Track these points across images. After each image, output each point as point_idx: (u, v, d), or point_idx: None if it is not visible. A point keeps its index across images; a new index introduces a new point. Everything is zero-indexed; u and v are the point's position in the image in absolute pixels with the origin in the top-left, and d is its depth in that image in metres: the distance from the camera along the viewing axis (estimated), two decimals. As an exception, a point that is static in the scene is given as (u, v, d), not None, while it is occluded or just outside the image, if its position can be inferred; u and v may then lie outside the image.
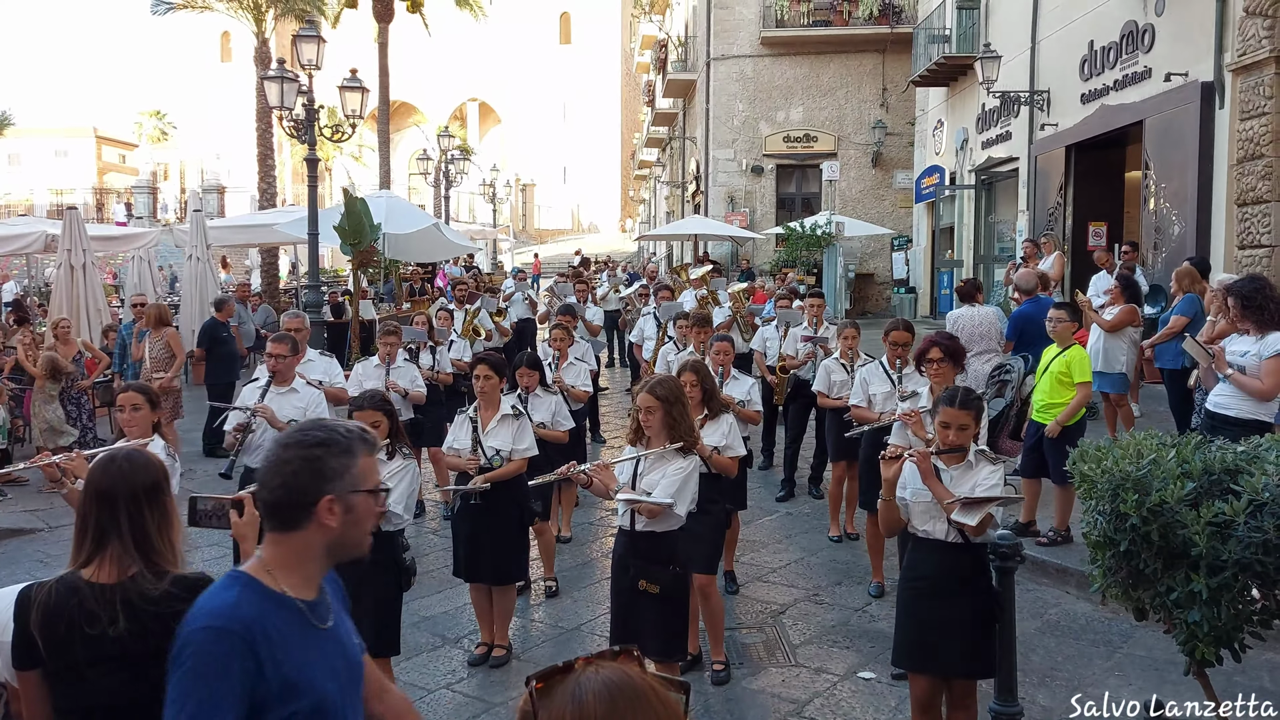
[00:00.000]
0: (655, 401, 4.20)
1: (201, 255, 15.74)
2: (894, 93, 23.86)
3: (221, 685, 1.87)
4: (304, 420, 5.42)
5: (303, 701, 1.96)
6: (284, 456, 2.02)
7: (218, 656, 1.89)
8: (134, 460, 2.52)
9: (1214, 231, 11.06)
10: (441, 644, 5.68)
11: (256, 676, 1.89)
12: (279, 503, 2.02)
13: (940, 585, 3.79)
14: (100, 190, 49.18)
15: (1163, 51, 11.90)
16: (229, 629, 1.91)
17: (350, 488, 2.02)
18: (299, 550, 2.03)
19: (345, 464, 2.03)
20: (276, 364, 5.57)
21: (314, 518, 2.00)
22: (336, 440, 2.04)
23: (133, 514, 2.44)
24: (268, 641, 1.93)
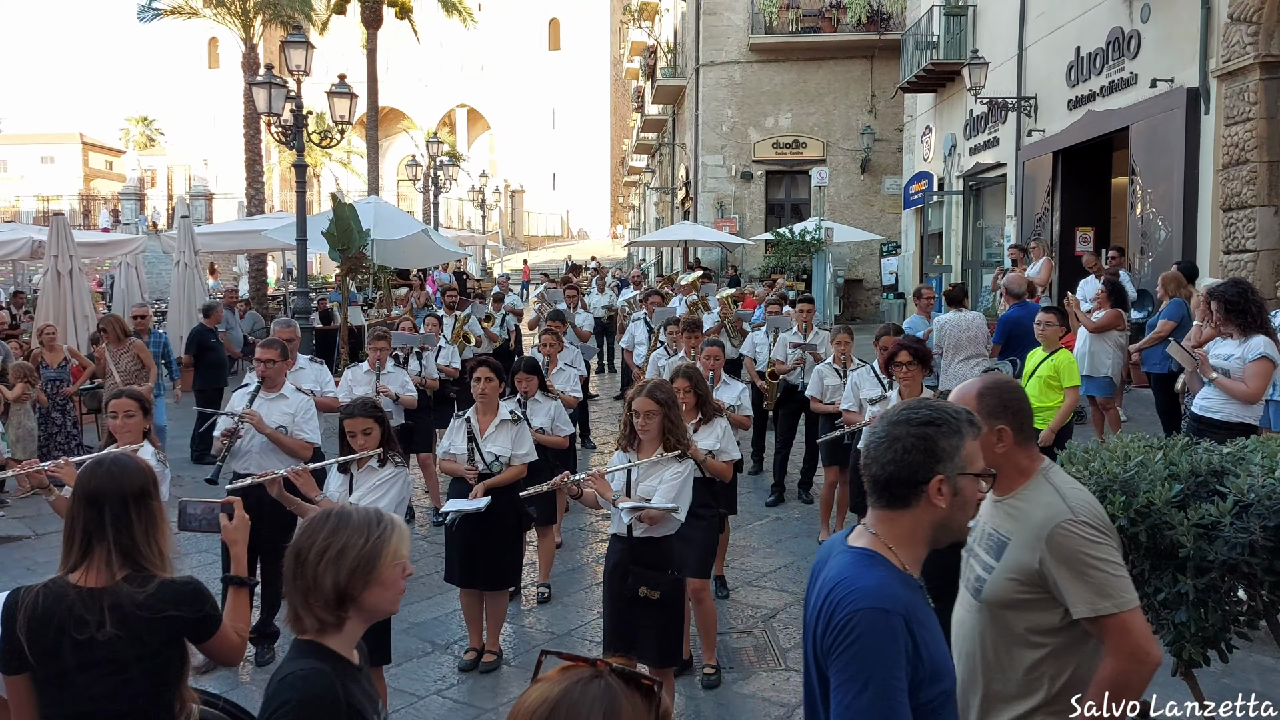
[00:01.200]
0: (655, 405, 4.19)
1: (189, 261, 15.69)
2: (882, 99, 23.97)
3: (896, 665, 1.87)
4: None
5: (945, 683, 1.96)
6: (895, 434, 2.03)
7: (886, 637, 1.88)
8: (121, 465, 2.52)
9: (1200, 236, 11.14)
10: (431, 650, 5.67)
11: (915, 658, 1.89)
12: (891, 479, 2.02)
13: (931, 585, 3.80)
14: (87, 196, 49.01)
15: (1149, 58, 11.99)
16: (892, 610, 1.91)
17: (959, 469, 2.02)
18: (911, 529, 2.04)
19: (955, 445, 2.03)
20: (266, 369, 5.55)
21: (924, 497, 2.01)
22: (947, 420, 2.04)
23: (119, 518, 2.44)
24: (917, 622, 1.93)
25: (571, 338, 9.86)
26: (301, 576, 1.97)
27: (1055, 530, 2.35)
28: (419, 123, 57.08)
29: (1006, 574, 2.42)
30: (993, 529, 2.54)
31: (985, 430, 2.38)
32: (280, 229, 15.69)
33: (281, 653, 5.64)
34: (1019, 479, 2.49)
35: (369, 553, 1.97)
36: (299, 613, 1.98)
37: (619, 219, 60.30)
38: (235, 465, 5.55)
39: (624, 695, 1.34)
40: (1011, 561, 2.41)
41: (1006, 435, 2.47)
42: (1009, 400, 2.51)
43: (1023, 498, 2.48)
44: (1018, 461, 2.50)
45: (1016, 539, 2.42)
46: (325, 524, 2.00)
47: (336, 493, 4.34)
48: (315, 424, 5.73)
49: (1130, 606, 2.31)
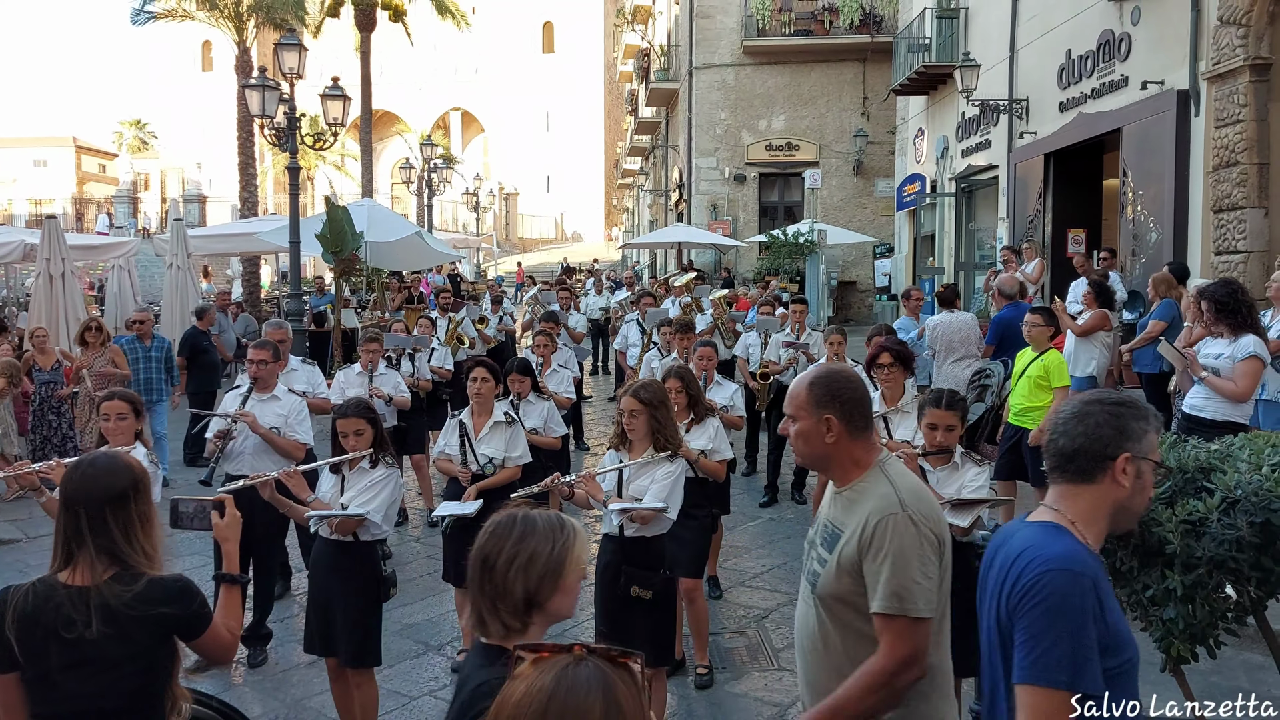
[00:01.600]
0: (639, 405, 4.21)
1: (182, 264, 15.65)
2: (875, 101, 24.04)
3: (1086, 622, 1.88)
4: None
5: (1127, 654, 1.97)
6: (1087, 409, 2.06)
7: (1076, 594, 1.89)
8: (99, 467, 2.52)
9: (1191, 238, 11.18)
10: (424, 651, 5.67)
11: (1101, 622, 1.91)
12: (1079, 450, 2.03)
13: None
14: (80, 200, 48.87)
15: (1139, 60, 12.05)
16: (1082, 572, 1.92)
17: (1145, 453, 2.04)
18: (1094, 505, 2.05)
19: (1143, 429, 2.05)
20: (258, 370, 5.55)
21: (1109, 473, 2.02)
22: (1138, 405, 2.08)
23: (95, 521, 2.44)
24: (1104, 590, 1.95)
25: (565, 339, 9.86)
26: (490, 583, 1.98)
27: (881, 522, 2.32)
28: (413, 125, 57.07)
29: (839, 567, 2.39)
30: (828, 520, 2.51)
31: (814, 420, 2.42)
32: (273, 231, 15.68)
33: (274, 654, 5.64)
34: (855, 471, 2.46)
35: (556, 559, 1.99)
36: (485, 618, 2.00)
37: (613, 221, 60.33)
38: (228, 467, 5.55)
39: (615, 675, 1.36)
40: (844, 554, 2.38)
41: (834, 425, 2.42)
42: (838, 390, 2.46)
43: (858, 489, 2.44)
44: (852, 453, 2.46)
45: (849, 531, 2.39)
46: (511, 530, 2.01)
47: (328, 494, 4.34)
48: (308, 425, 5.74)
49: (922, 616, 2.29)
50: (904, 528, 2.30)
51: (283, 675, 5.40)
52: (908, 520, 2.31)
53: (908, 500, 2.35)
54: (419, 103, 60.21)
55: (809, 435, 2.47)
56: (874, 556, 2.30)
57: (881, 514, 2.33)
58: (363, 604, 4.27)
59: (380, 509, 4.25)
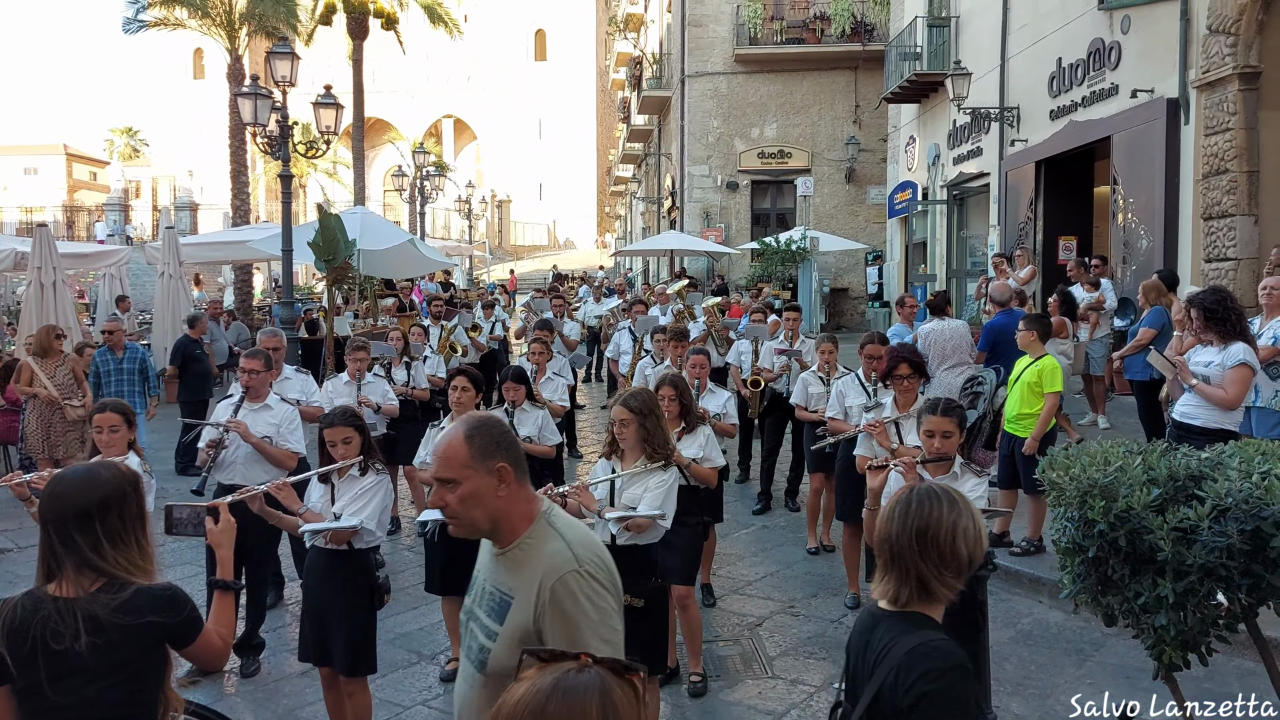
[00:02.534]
0: (629, 414, 4.21)
1: (174, 272, 15.62)
2: (866, 109, 24.13)
3: None
4: None
5: None
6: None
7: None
8: (68, 483, 2.51)
9: (1181, 245, 11.24)
10: (417, 660, 5.65)
11: None
12: None
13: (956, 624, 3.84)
14: (70, 208, 48.72)
15: (1129, 68, 12.12)
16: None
17: None
18: None
19: None
20: (250, 379, 5.54)
21: None
22: None
23: (77, 534, 2.43)
24: None
25: (559, 347, 9.86)
26: (935, 550, 2.12)
27: (559, 582, 2.09)
28: (405, 133, 57.09)
29: (511, 639, 2.11)
30: (494, 587, 2.24)
31: (483, 475, 2.19)
32: (265, 240, 15.66)
33: (266, 664, 5.62)
34: (522, 525, 2.22)
35: (979, 525, 2.17)
36: (929, 585, 2.13)
37: (606, 228, 60.38)
38: (220, 476, 5.53)
39: (614, 683, 1.37)
40: (516, 624, 2.13)
41: (508, 473, 2.21)
42: (499, 435, 2.26)
43: (524, 547, 2.21)
44: (520, 505, 2.23)
45: (520, 596, 2.14)
46: (938, 503, 2.16)
47: (318, 503, 4.33)
48: (300, 434, 5.73)
49: None
50: (583, 585, 2.10)
51: (275, 685, 5.37)
52: (586, 577, 2.10)
53: (581, 555, 2.15)
54: (411, 110, 60.23)
55: (480, 495, 2.20)
56: (557, 619, 2.07)
57: (557, 574, 2.10)
58: (357, 612, 4.26)
59: (373, 517, 4.25)
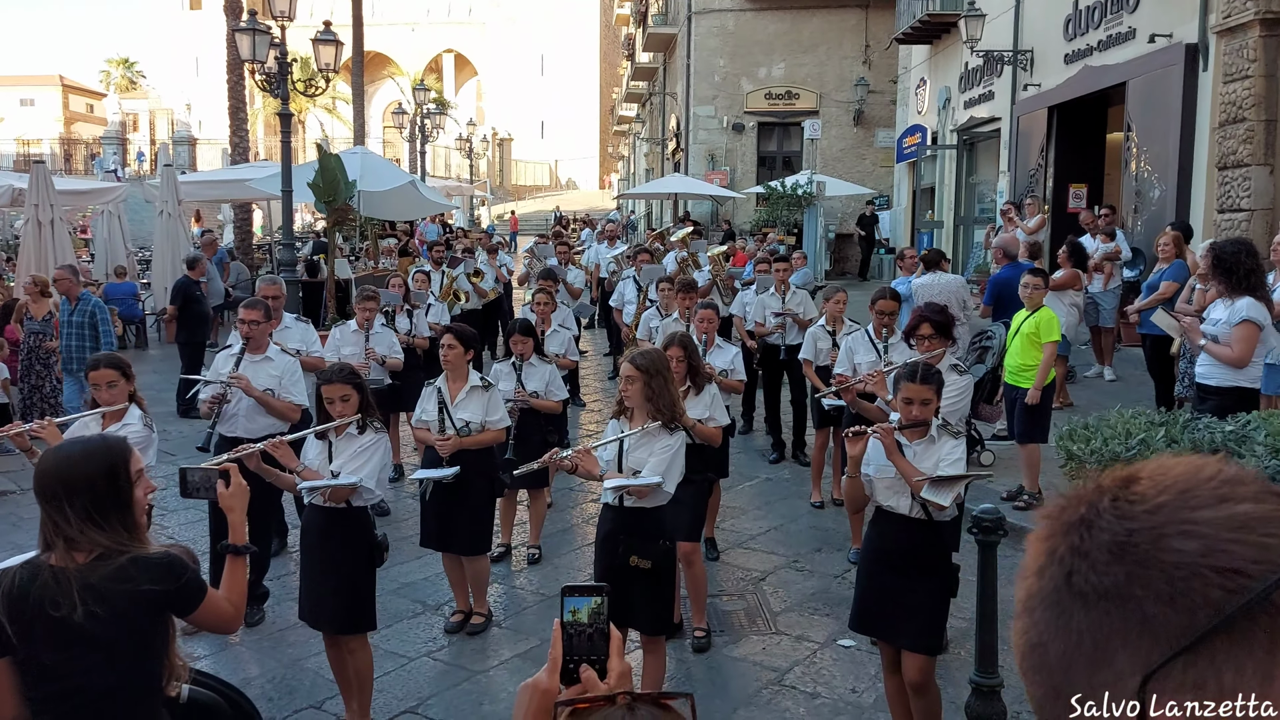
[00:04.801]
0: (636, 371, 4.14)
1: (173, 211, 15.45)
2: (876, 50, 23.63)
3: None
4: None
5: None
6: None
7: None
8: (71, 455, 2.49)
9: (1194, 195, 11.06)
10: (421, 611, 5.66)
11: None
12: None
13: (901, 559, 3.84)
14: (67, 140, 48.16)
15: (1147, 12, 11.81)
16: None
17: None
18: None
19: None
20: (250, 330, 5.46)
21: None
22: None
23: (71, 509, 2.41)
24: None
25: (563, 296, 9.76)
26: None
27: None
28: (405, 68, 56.17)
29: None
30: None
31: None
32: (265, 179, 15.44)
33: (271, 612, 5.63)
34: None
35: None
36: None
37: (609, 169, 59.71)
38: (223, 428, 5.49)
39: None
40: None
41: None
42: None
43: None
44: None
45: None
46: None
47: (315, 460, 4.28)
48: (302, 385, 5.67)
49: None
50: None
51: (279, 635, 5.38)
52: None
53: None
54: (411, 44, 59.15)
55: None
56: None
57: None
58: (355, 570, 4.24)
59: (372, 475, 4.20)
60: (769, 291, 8.44)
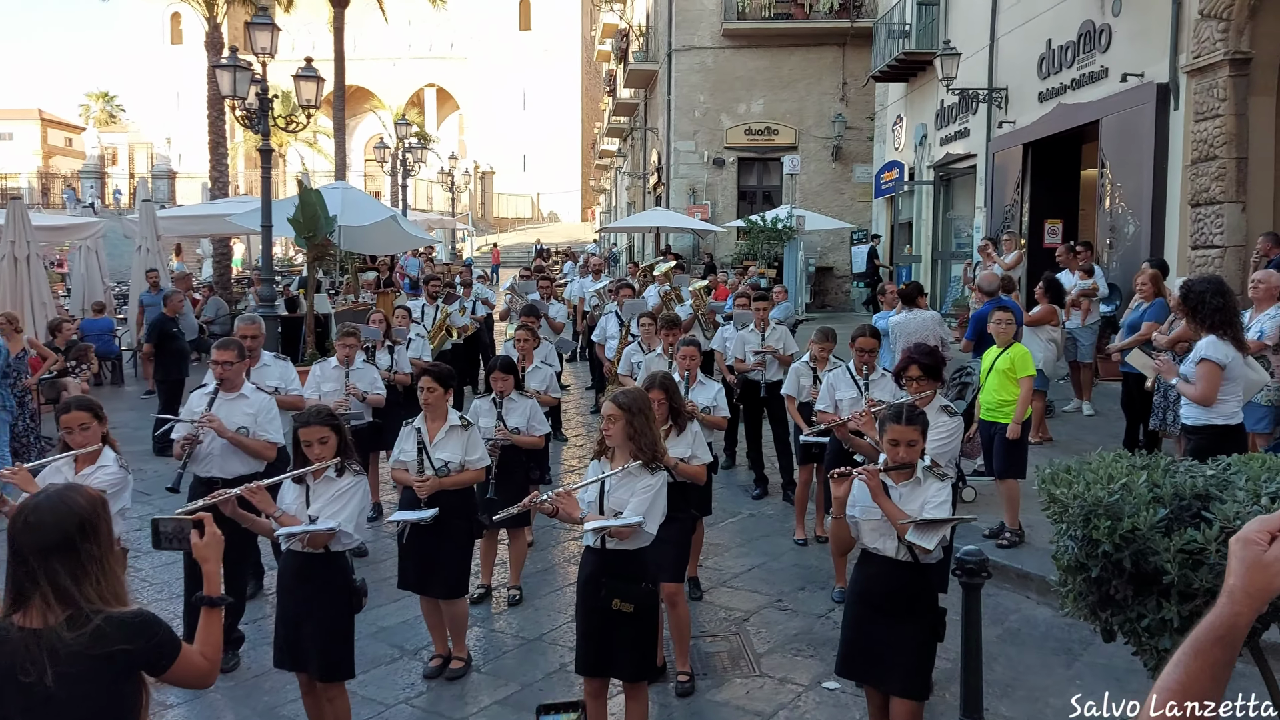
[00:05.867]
0: (618, 410, 4.11)
1: (151, 246, 15.38)
2: (854, 87, 23.94)
3: None
4: None
5: None
6: None
7: None
8: (52, 508, 2.39)
9: (1169, 231, 11.21)
10: (399, 656, 5.56)
11: None
12: None
13: (888, 603, 3.80)
14: (45, 174, 47.92)
15: (1119, 52, 12.03)
16: None
17: None
18: None
19: None
20: (224, 371, 5.38)
21: None
22: None
23: (58, 564, 2.33)
24: None
25: (545, 331, 9.73)
26: None
27: None
28: (387, 102, 56.33)
29: None
30: None
31: None
32: (245, 214, 15.40)
33: (246, 658, 5.52)
34: None
35: None
36: None
37: (590, 202, 59.97)
38: (196, 469, 5.40)
39: None
40: None
41: None
42: None
43: None
44: None
45: None
46: None
47: (293, 505, 4.20)
48: (278, 423, 5.59)
49: None
50: None
51: (254, 682, 5.28)
52: None
53: None
54: (394, 78, 59.45)
55: None
56: None
57: None
58: (333, 615, 4.16)
59: (351, 519, 4.13)
60: (749, 328, 8.45)
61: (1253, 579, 1.51)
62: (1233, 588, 1.53)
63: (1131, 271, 10.67)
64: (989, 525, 6.76)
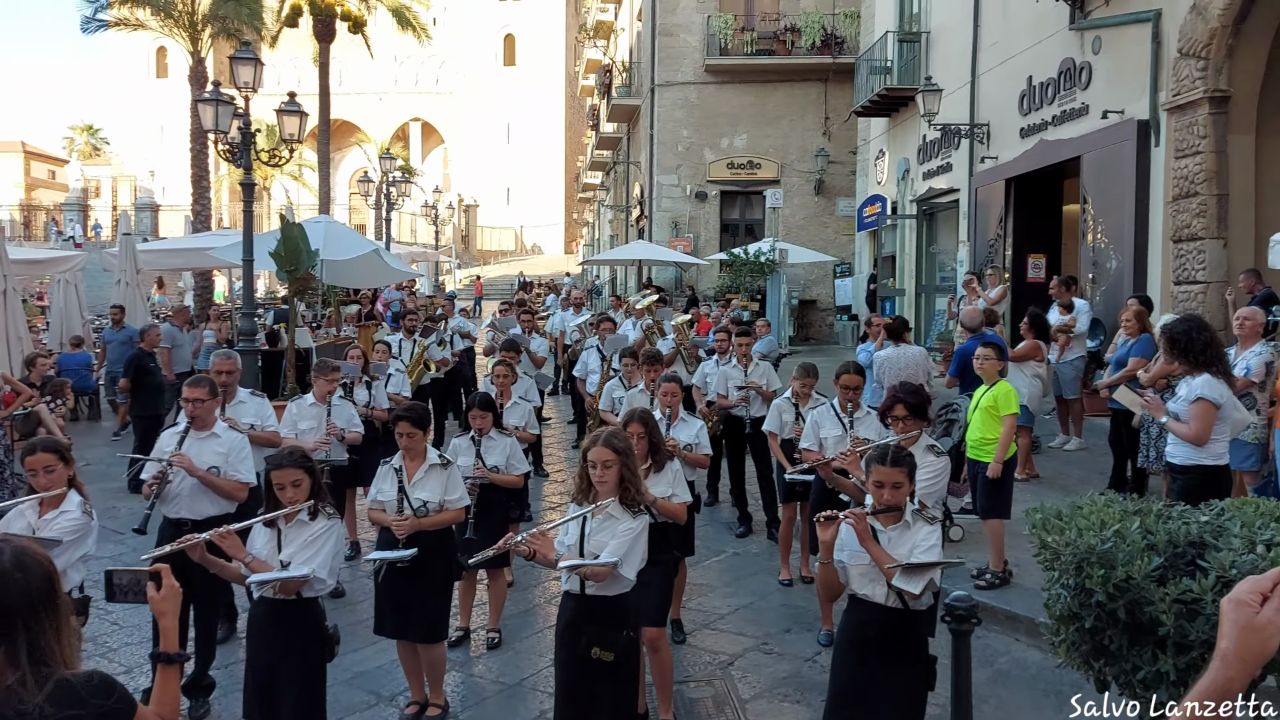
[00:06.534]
0: (613, 454, 3.99)
1: (131, 280, 15.23)
2: (836, 121, 24.12)
3: None
4: None
5: None
6: None
7: None
8: (18, 565, 2.22)
9: (1150, 267, 11.24)
10: (375, 702, 5.41)
11: None
12: None
13: (877, 649, 3.69)
14: (28, 207, 47.67)
15: (1100, 89, 12.13)
16: None
17: None
18: None
19: None
20: (194, 409, 5.27)
21: None
22: None
23: (29, 625, 2.19)
24: None
25: (526, 365, 9.63)
26: None
27: None
28: (372, 136, 56.50)
29: None
30: None
31: None
32: (227, 248, 15.27)
33: (217, 705, 5.35)
34: None
35: None
36: None
37: (573, 235, 60.09)
38: (166, 509, 5.26)
39: None
40: None
41: None
42: None
43: None
44: None
45: None
46: None
47: (264, 550, 4.07)
48: (250, 462, 5.46)
49: None
50: None
51: (224, 730, 5.11)
52: None
53: None
54: (379, 113, 59.69)
55: None
56: None
57: None
58: (305, 665, 4.03)
59: (324, 564, 4.01)
60: (731, 363, 8.37)
61: (1245, 643, 1.46)
62: (1225, 651, 1.48)
63: (1114, 306, 10.68)
64: (977, 565, 6.67)
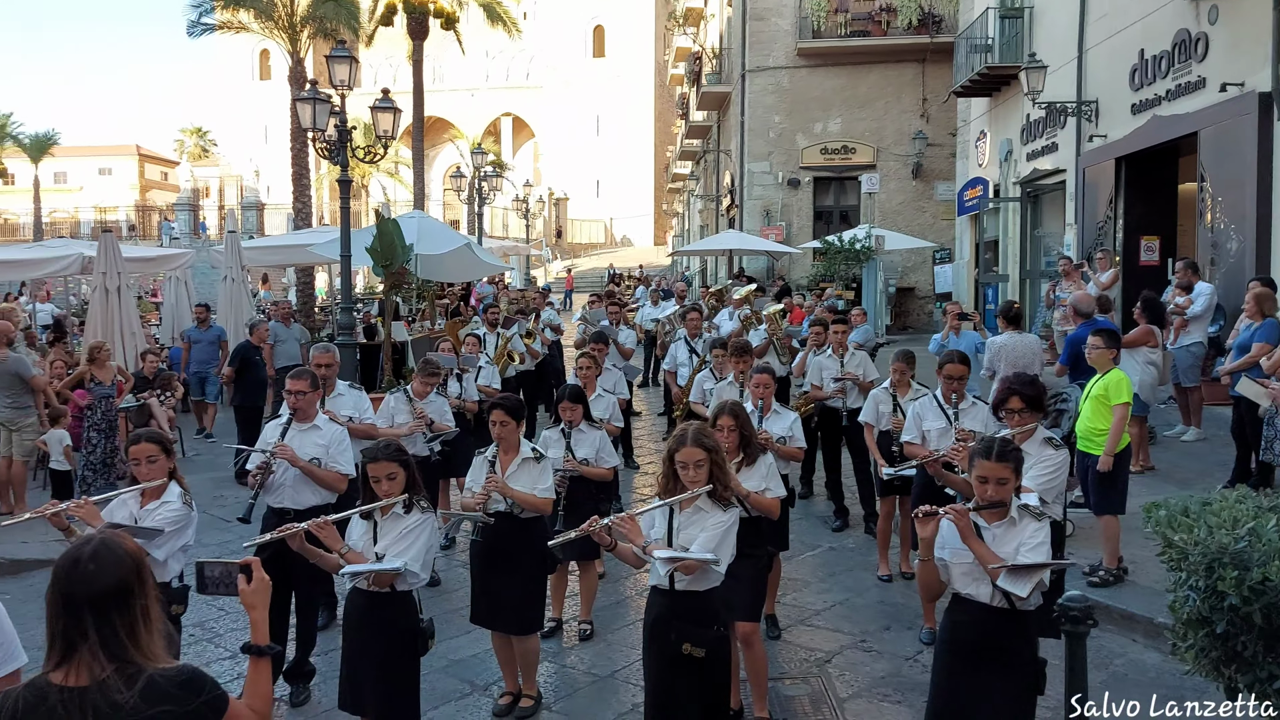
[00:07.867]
0: (704, 453, 3.88)
1: (236, 276, 15.73)
2: (935, 103, 23.46)
3: None
4: None
5: None
6: None
7: None
8: (99, 561, 2.25)
9: (1275, 247, 10.62)
10: (470, 691, 5.44)
11: None
12: None
13: (981, 653, 3.50)
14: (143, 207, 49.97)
15: (1217, 60, 11.47)
16: None
17: None
18: None
19: None
20: (297, 401, 5.37)
21: None
22: None
23: (114, 615, 2.20)
24: None
25: (614, 357, 9.58)
26: None
27: None
28: (465, 131, 57.42)
29: None
30: None
31: None
32: (325, 244, 15.66)
33: (317, 691, 5.44)
34: None
35: None
36: None
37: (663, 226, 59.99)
38: (269, 499, 5.38)
39: None
40: None
41: None
42: None
43: None
44: None
45: None
46: None
47: (360, 541, 4.10)
48: (349, 454, 5.54)
49: None
50: None
51: (325, 716, 5.19)
52: None
53: None
54: (471, 108, 60.62)
55: None
56: None
57: None
58: (397, 660, 4.04)
59: (418, 558, 4.01)
60: (827, 354, 8.18)
61: None
62: None
63: (1236, 290, 10.09)
64: (1089, 561, 6.37)
